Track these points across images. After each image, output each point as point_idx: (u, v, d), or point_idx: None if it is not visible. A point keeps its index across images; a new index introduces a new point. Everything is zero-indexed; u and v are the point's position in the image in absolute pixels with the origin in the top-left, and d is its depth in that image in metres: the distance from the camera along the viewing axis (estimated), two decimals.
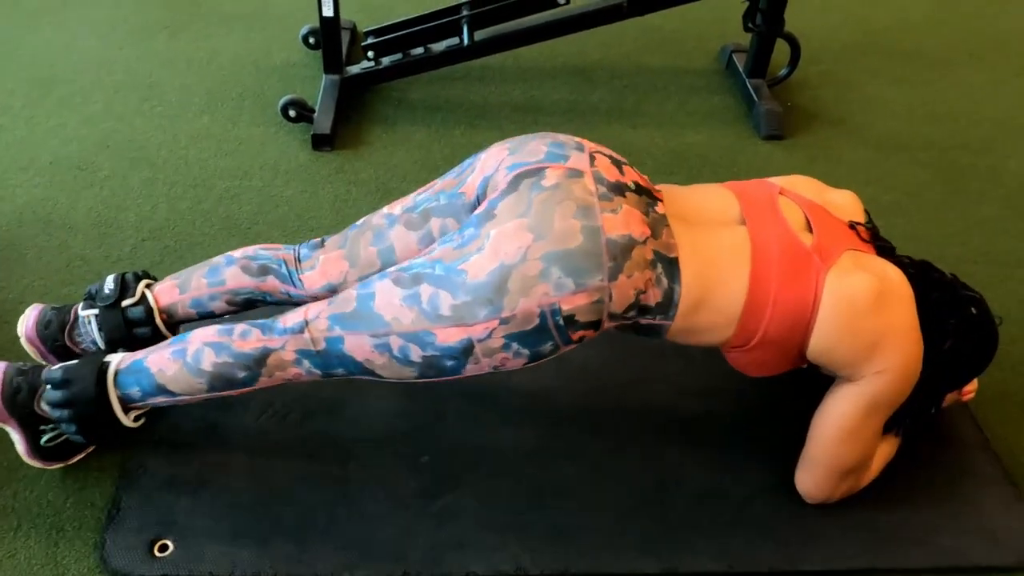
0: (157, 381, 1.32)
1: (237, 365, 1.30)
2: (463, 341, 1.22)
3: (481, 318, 1.20)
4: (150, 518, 1.36)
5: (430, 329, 1.22)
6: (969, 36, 2.89)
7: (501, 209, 1.23)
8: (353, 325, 1.26)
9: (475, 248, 1.21)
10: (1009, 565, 1.38)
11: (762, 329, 1.28)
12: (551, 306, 1.19)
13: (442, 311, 1.21)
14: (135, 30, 2.69)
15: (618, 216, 1.22)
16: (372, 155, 2.22)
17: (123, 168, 2.13)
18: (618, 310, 1.24)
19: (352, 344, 1.26)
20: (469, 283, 1.20)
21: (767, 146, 2.32)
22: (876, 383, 1.29)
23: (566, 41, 2.59)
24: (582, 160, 1.27)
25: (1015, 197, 2.19)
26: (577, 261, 1.19)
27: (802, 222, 1.34)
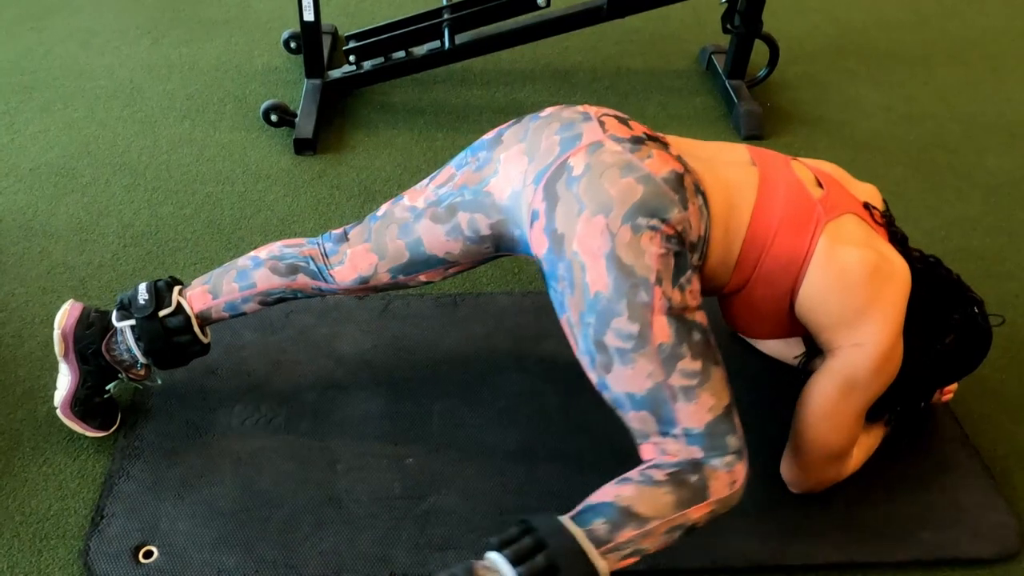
0: (620, 505, 1.18)
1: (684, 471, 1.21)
2: (669, 322, 1.20)
3: (647, 298, 1.19)
4: (134, 524, 1.36)
5: (653, 347, 1.19)
6: (945, 36, 2.92)
7: (560, 225, 1.23)
8: (665, 415, 1.21)
9: (580, 272, 1.21)
10: (988, 557, 1.40)
11: (758, 264, 1.31)
12: (663, 238, 1.20)
13: (632, 331, 1.19)
14: (116, 36, 2.68)
15: (655, 159, 1.25)
16: (354, 159, 2.22)
17: (105, 174, 2.12)
18: (695, 239, 1.26)
19: (688, 420, 1.21)
20: (609, 294, 1.19)
21: None
22: (854, 358, 1.31)
23: (547, 44, 2.61)
24: (594, 129, 1.29)
25: (992, 195, 2.22)
26: (652, 203, 1.21)
27: (813, 180, 1.37)
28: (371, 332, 1.72)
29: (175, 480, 1.43)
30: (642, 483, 1.20)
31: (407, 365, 1.66)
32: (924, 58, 2.79)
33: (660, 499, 1.19)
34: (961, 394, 1.63)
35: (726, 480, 1.21)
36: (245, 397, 1.57)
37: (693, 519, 1.20)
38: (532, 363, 1.65)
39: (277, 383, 1.61)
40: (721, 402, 1.23)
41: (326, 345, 1.69)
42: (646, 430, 1.24)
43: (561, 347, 1.30)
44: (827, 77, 2.66)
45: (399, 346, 1.69)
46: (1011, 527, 1.43)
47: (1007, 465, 1.55)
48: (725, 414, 1.23)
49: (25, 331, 1.70)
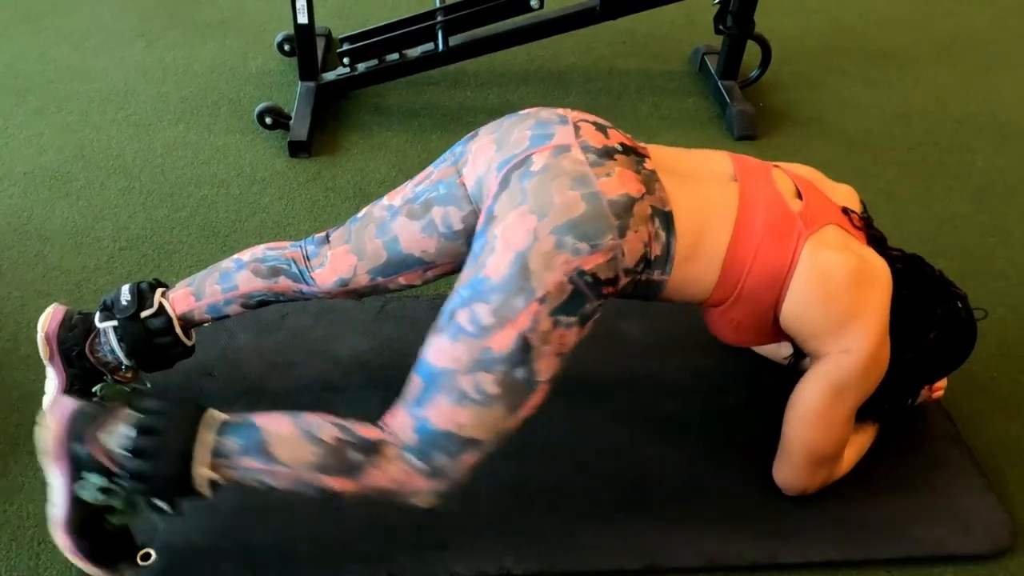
0: (263, 437, 1.21)
1: (353, 446, 1.22)
2: (517, 339, 1.20)
3: (521, 307, 1.20)
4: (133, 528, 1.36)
5: (484, 346, 1.20)
6: (936, 35, 2.94)
7: (498, 209, 1.25)
8: (428, 397, 1.22)
9: (488, 253, 1.22)
10: (981, 553, 1.41)
11: (741, 282, 1.30)
12: (576, 270, 1.20)
13: (484, 322, 1.20)
14: (111, 39, 2.68)
15: (612, 178, 1.24)
16: (349, 161, 2.23)
17: (99, 177, 2.12)
18: (630, 265, 1.25)
19: (435, 415, 1.22)
20: (495, 283, 1.20)
21: (740, 147, 2.35)
22: (842, 363, 1.32)
23: (540, 45, 2.62)
24: (567, 133, 1.29)
25: (982, 193, 2.24)
26: (587, 225, 1.20)
27: (792, 191, 1.37)
28: (367, 334, 1.72)
29: None
30: (303, 432, 1.22)
31: (403, 366, 1.64)
32: (915, 58, 2.81)
33: (303, 454, 1.21)
34: (953, 392, 1.65)
35: (395, 477, 1.22)
36: (241, 399, 1.58)
37: (333, 487, 1.22)
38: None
39: (273, 385, 1.61)
40: (473, 434, 1.21)
41: (322, 347, 1.69)
42: (404, 396, 1.25)
43: None
44: (819, 77, 2.68)
45: (395, 348, 1.70)
46: (1002, 523, 1.44)
47: (999, 462, 1.56)
48: (462, 444, 1.21)
49: (21, 335, 1.70)
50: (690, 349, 1.43)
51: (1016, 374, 1.74)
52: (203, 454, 1.19)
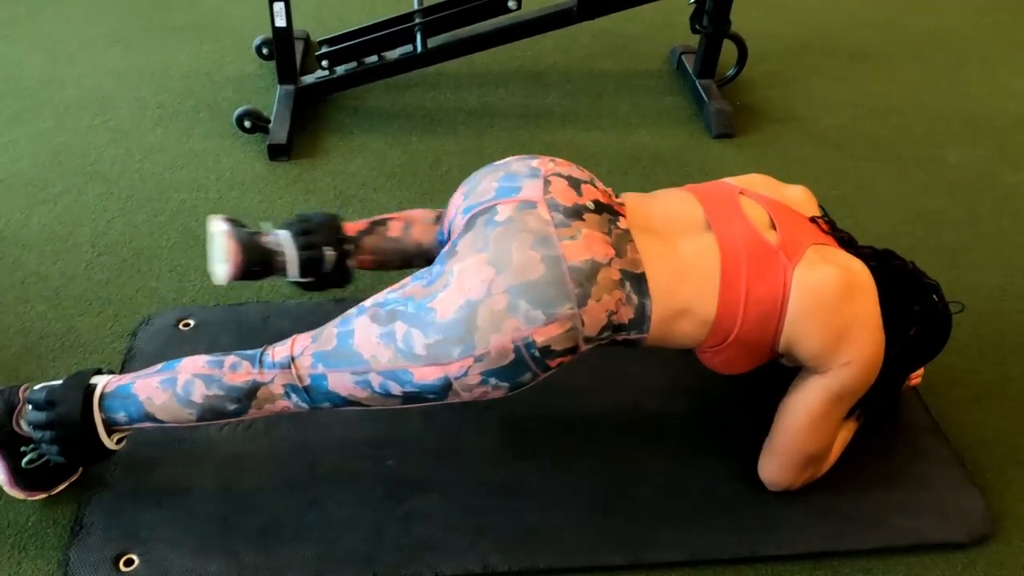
0: (145, 409, 1.30)
1: (227, 398, 1.29)
2: (441, 379, 1.23)
3: (456, 356, 1.20)
4: (114, 533, 1.36)
5: (407, 368, 1.23)
6: (907, 33, 2.98)
7: (461, 246, 1.25)
8: (335, 363, 1.26)
9: (441, 285, 1.22)
10: (960, 541, 1.43)
11: (736, 330, 1.30)
12: (524, 340, 1.20)
13: (416, 350, 1.22)
14: (86, 44, 2.66)
15: (578, 241, 1.22)
16: (329, 164, 2.23)
17: (76, 184, 2.11)
18: (592, 334, 1.25)
19: (335, 381, 1.27)
20: (439, 322, 1.20)
21: (718, 145, 2.37)
22: (843, 374, 1.33)
23: (519, 46, 2.62)
24: (535, 188, 1.28)
25: (956, 187, 2.27)
26: (542, 292, 1.19)
27: (766, 220, 1.36)
28: None
29: (155, 488, 1.43)
30: (176, 397, 1.29)
31: None
32: (888, 55, 2.84)
33: (183, 416, 1.30)
34: (930, 382, 1.67)
35: (280, 411, 1.32)
36: None
37: (225, 425, 1.35)
38: None
39: None
40: (366, 403, 1.30)
41: None
42: (318, 339, 1.29)
43: None
44: (795, 75, 2.71)
45: None
46: (981, 511, 1.46)
47: (976, 451, 1.58)
48: (352, 404, 1.30)
49: None
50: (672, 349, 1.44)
51: (992, 364, 1.76)
52: (102, 430, 1.31)
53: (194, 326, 1.72)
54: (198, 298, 1.81)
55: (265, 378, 1.29)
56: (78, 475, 1.42)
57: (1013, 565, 1.41)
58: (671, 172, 2.25)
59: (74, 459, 1.36)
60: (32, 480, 1.37)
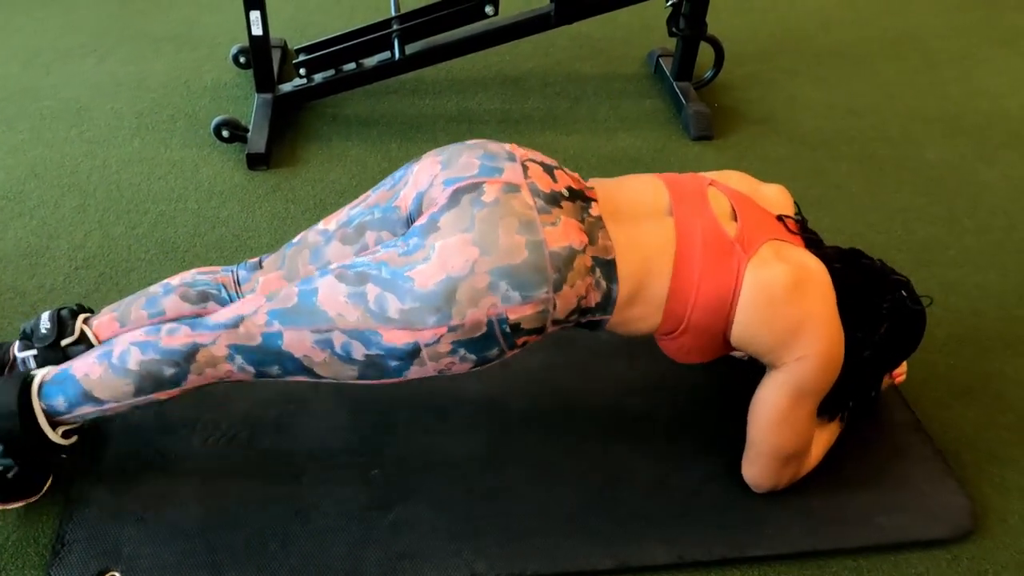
0: (83, 387, 1.27)
1: (165, 362, 1.27)
2: (410, 344, 1.23)
3: (430, 324, 1.21)
4: (96, 550, 1.34)
5: (376, 329, 1.23)
6: (881, 32, 3.01)
7: (444, 223, 1.25)
8: (294, 320, 1.25)
9: (421, 257, 1.23)
10: (944, 537, 1.44)
11: (687, 316, 1.32)
12: (499, 316, 1.22)
13: (389, 313, 1.22)
14: (61, 55, 2.64)
15: (558, 228, 1.25)
16: (309, 172, 2.22)
17: (53, 196, 2.09)
18: (561, 316, 1.28)
19: (291, 339, 1.25)
20: (416, 290, 1.21)
21: (697, 147, 2.38)
22: (798, 369, 1.34)
23: (497, 52, 2.63)
24: (516, 172, 1.30)
25: (932, 186, 2.29)
26: (524, 275, 1.22)
27: (728, 212, 1.38)
28: None
29: (137, 503, 1.41)
30: (112, 367, 1.27)
31: None
32: (864, 55, 2.87)
33: (121, 388, 1.27)
34: (911, 380, 1.68)
35: (222, 375, 1.29)
36: (205, 415, 1.56)
37: (164, 399, 1.30)
38: (495, 369, 1.65)
39: (238, 400, 1.59)
40: (317, 371, 1.28)
41: None
42: (273, 294, 1.28)
43: (524, 353, 1.31)
44: (772, 76, 2.72)
45: None
46: (964, 507, 1.48)
47: (958, 447, 1.59)
48: (303, 370, 1.28)
49: None
50: (655, 349, 1.44)
51: (971, 361, 1.78)
52: (42, 419, 1.28)
53: None
54: None
55: (205, 339, 1.27)
56: (38, 496, 1.40)
57: (996, 560, 1.42)
58: None
59: (21, 458, 1.31)
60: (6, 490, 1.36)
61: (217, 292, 1.43)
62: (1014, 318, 1.89)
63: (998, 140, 2.48)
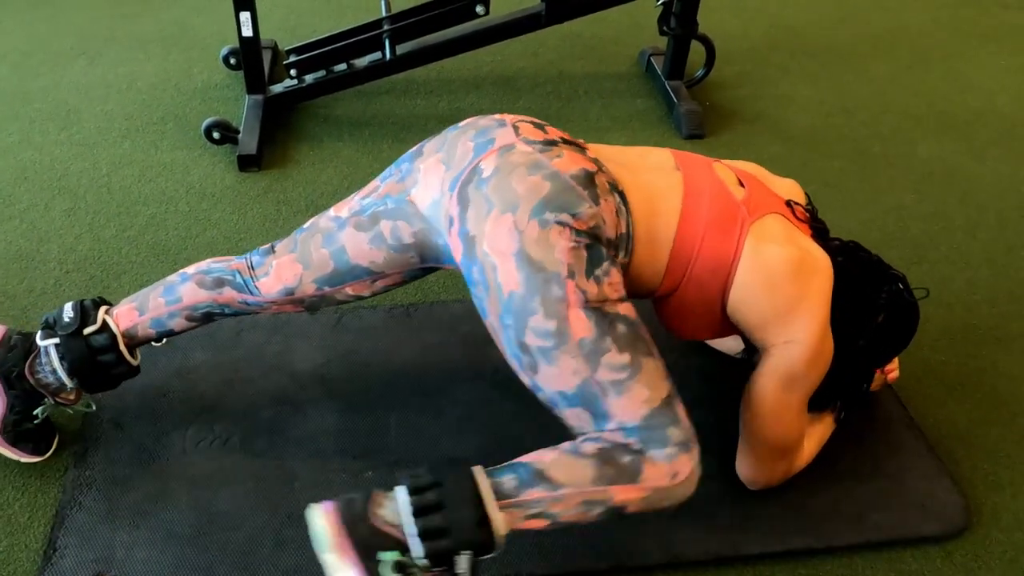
0: (535, 468, 1.19)
1: (619, 448, 1.19)
2: (586, 313, 1.20)
3: (560, 293, 1.18)
4: (89, 555, 1.33)
5: (574, 342, 1.19)
6: (872, 30, 3.01)
7: (472, 226, 1.24)
8: (598, 409, 1.21)
9: (492, 273, 1.21)
10: (938, 534, 1.44)
11: (690, 267, 1.32)
12: (572, 233, 1.20)
13: (550, 328, 1.18)
14: (50, 57, 2.63)
15: (564, 159, 1.26)
16: (300, 173, 2.21)
17: (43, 199, 2.08)
18: (612, 235, 1.26)
19: (621, 413, 1.20)
20: (522, 293, 1.19)
21: (689, 146, 2.38)
22: (787, 354, 1.34)
23: (488, 51, 2.63)
24: (507, 134, 1.30)
25: (924, 183, 2.29)
26: (559, 199, 1.21)
27: (735, 181, 1.39)
28: (324, 347, 1.71)
29: (129, 507, 1.41)
30: (566, 452, 1.20)
31: (362, 378, 1.66)
32: (854, 52, 2.88)
33: (579, 469, 1.17)
34: (904, 377, 1.69)
35: (665, 471, 1.18)
36: (198, 419, 1.55)
37: (618, 500, 1.18)
38: (488, 370, 1.66)
39: (230, 403, 1.59)
40: (658, 393, 1.20)
41: (279, 362, 1.67)
42: (583, 427, 1.23)
43: None
44: (763, 75, 2.73)
45: (353, 359, 1.68)
46: (957, 504, 1.48)
47: (951, 444, 1.60)
48: (664, 406, 1.20)
49: None
50: None
51: (964, 357, 1.78)
52: (489, 497, 1.15)
53: (166, 341, 1.70)
54: None
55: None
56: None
57: (989, 556, 1.43)
58: None
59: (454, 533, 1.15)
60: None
61: (232, 278, 1.43)
62: (1006, 314, 1.90)
63: (988, 137, 2.49)
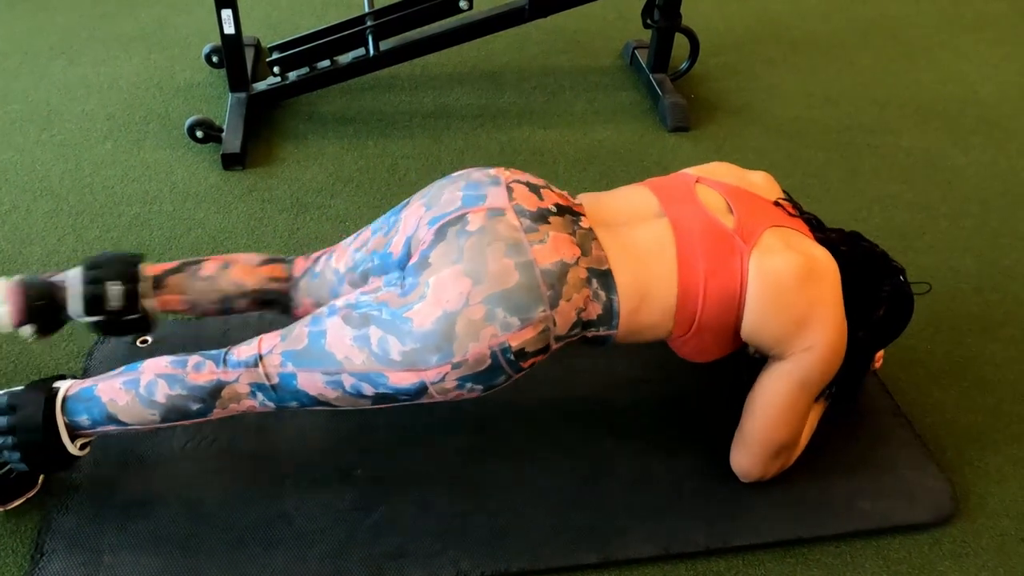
0: (108, 411, 1.29)
1: (191, 397, 1.29)
2: (416, 383, 1.25)
3: (433, 364, 1.22)
4: (76, 559, 1.32)
5: (382, 371, 1.24)
6: (855, 21, 3.02)
7: (434, 257, 1.26)
8: (305, 363, 1.27)
9: (417, 296, 1.23)
10: (925, 522, 1.45)
11: (697, 317, 1.32)
12: (500, 345, 1.22)
13: (392, 356, 1.23)
14: (29, 58, 2.60)
15: (547, 245, 1.26)
16: (285, 171, 2.20)
17: (25, 201, 2.06)
18: (563, 332, 1.27)
19: (305, 380, 1.28)
20: (416, 331, 1.22)
21: (674, 138, 2.38)
22: (806, 360, 1.34)
23: (472, 46, 2.62)
24: (500, 195, 1.30)
25: (908, 173, 2.30)
26: (518, 298, 1.22)
27: (723, 206, 1.38)
28: None
29: (117, 510, 1.40)
30: (140, 397, 1.28)
31: None
32: (838, 44, 2.88)
33: (146, 416, 1.30)
34: (890, 365, 1.69)
35: (245, 410, 1.31)
36: None
37: (188, 426, 1.36)
38: None
39: None
40: (335, 404, 1.30)
41: None
42: (288, 337, 1.29)
43: None
44: (747, 66, 2.73)
45: None
46: (945, 491, 1.49)
47: (937, 432, 1.61)
48: (321, 403, 1.30)
49: None
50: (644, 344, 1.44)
51: (949, 345, 1.79)
52: (64, 434, 1.29)
53: (152, 342, 1.69)
54: None
55: (229, 377, 1.29)
56: (36, 490, 1.40)
57: (976, 543, 1.44)
58: (628, 167, 2.26)
59: (37, 466, 1.33)
60: None
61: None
62: (990, 302, 1.91)
63: (970, 126, 2.50)
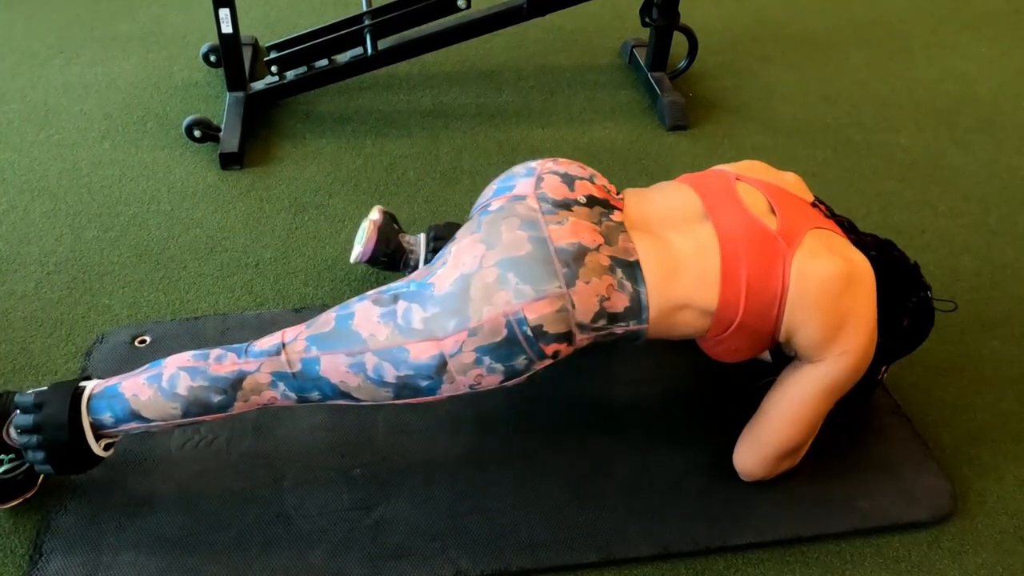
0: (131, 407, 1.29)
1: (213, 389, 1.28)
2: (435, 357, 1.23)
3: (450, 330, 1.22)
4: (75, 560, 1.32)
5: (403, 344, 1.23)
6: (853, 19, 3.02)
7: (459, 234, 1.32)
8: (330, 344, 1.27)
9: (440, 264, 1.28)
10: (925, 520, 1.45)
11: (738, 319, 1.31)
12: (515, 314, 1.21)
13: (414, 324, 1.24)
14: (26, 58, 2.60)
15: (564, 227, 1.26)
16: (283, 170, 2.20)
17: (22, 201, 2.05)
18: (585, 320, 1.25)
19: (328, 365, 1.26)
20: (436, 295, 1.24)
21: (672, 137, 2.38)
22: (838, 365, 1.34)
23: (470, 45, 2.61)
24: (527, 185, 1.33)
25: (906, 170, 2.30)
26: (530, 267, 1.22)
27: (764, 206, 1.37)
28: None
29: (115, 510, 1.39)
30: (161, 391, 1.29)
31: None
32: (836, 42, 2.88)
33: (168, 411, 1.29)
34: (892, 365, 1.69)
35: (266, 402, 1.31)
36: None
37: (210, 421, 1.34)
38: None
39: None
40: (356, 395, 1.29)
41: None
42: (314, 322, 1.30)
43: None
44: (745, 65, 2.73)
45: None
46: (944, 490, 1.49)
47: (937, 430, 1.61)
48: (342, 395, 1.29)
49: None
50: None
51: (947, 344, 1.79)
52: (89, 433, 1.30)
53: (151, 342, 1.69)
54: (153, 313, 1.77)
55: (251, 367, 1.29)
56: (35, 491, 1.40)
57: (975, 541, 1.44)
58: (627, 166, 2.26)
59: (60, 466, 1.31)
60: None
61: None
62: (989, 300, 1.91)
63: (968, 124, 2.50)
